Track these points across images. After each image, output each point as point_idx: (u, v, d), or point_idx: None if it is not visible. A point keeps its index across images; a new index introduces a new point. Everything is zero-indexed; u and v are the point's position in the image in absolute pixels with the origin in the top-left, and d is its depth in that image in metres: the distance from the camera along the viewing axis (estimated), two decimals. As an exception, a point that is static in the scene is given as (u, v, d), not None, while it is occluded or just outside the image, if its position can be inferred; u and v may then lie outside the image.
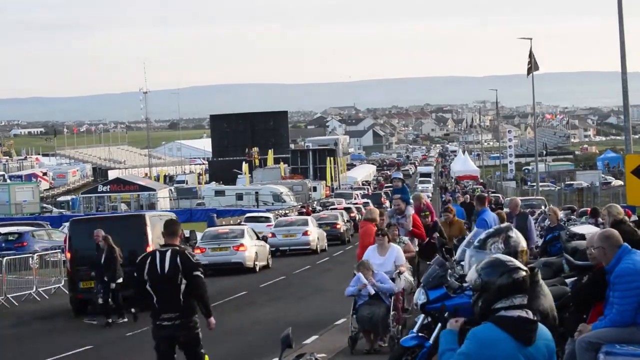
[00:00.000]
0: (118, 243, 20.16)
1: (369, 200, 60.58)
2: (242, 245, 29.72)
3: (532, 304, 5.62)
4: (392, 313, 13.09)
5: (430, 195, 79.17)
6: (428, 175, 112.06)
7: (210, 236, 31.42)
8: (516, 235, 5.86)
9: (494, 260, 5.23)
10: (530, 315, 5.10)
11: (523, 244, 5.81)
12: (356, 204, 58.12)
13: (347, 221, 44.86)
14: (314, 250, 36.29)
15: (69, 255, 22.02)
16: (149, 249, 20.28)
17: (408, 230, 16.35)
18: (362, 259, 13.59)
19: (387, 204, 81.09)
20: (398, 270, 13.62)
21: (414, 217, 16.88)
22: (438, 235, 17.42)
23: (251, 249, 30.00)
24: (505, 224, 6.83)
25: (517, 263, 5.23)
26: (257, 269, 29.63)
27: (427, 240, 16.78)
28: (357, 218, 46.02)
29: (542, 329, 5.16)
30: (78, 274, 21.34)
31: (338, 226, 41.92)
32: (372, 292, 13.06)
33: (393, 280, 13.44)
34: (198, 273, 9.82)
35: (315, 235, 36.98)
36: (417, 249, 16.45)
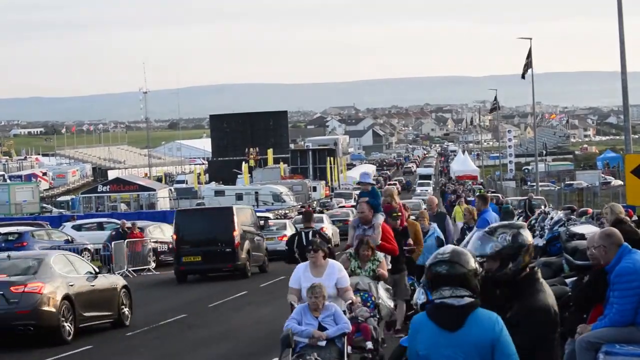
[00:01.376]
0: (212, 228, 27.89)
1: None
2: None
3: (530, 300, 5.67)
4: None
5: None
6: (428, 177, 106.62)
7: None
8: (527, 234, 5.89)
9: (434, 253, 5.33)
10: (462, 302, 5.09)
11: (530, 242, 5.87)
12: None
13: None
14: None
15: (175, 237, 28.19)
16: (235, 232, 27.46)
17: (376, 245, 13.09)
18: (314, 284, 10.32)
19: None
20: (350, 301, 10.83)
21: (384, 227, 13.71)
22: (411, 243, 14.99)
23: None
24: (520, 222, 6.87)
25: (449, 257, 5.19)
26: None
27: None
28: None
29: (483, 316, 5.13)
30: (182, 250, 27.41)
31: (349, 223, 43.27)
32: (324, 344, 10.02)
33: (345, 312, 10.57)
34: (331, 245, 13.68)
35: (330, 231, 38.54)
36: (389, 265, 13.43)
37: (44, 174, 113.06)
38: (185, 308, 21.21)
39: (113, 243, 30.72)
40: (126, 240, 31.18)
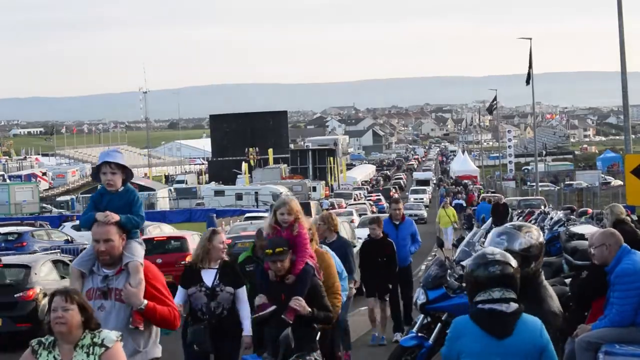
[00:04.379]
0: None
1: (381, 196, 63.87)
2: None
3: (542, 306, 5.62)
4: None
5: (425, 213, 56.08)
6: (426, 182, 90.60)
7: None
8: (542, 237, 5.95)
9: (480, 253, 5.28)
10: (510, 308, 5.05)
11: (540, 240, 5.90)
12: (370, 197, 62.82)
13: (372, 213, 49.50)
14: None
15: None
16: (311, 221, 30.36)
17: (139, 308, 6.14)
18: None
19: (396, 197, 79.82)
20: None
21: (149, 270, 6.36)
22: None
23: None
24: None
25: (500, 257, 5.20)
26: None
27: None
28: (374, 211, 51.65)
29: (530, 323, 5.10)
30: None
31: (371, 212, 47.01)
32: None
33: None
34: None
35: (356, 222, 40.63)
36: None
37: (44, 174, 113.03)
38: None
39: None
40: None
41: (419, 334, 9.64)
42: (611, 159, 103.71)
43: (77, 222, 45.48)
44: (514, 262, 5.20)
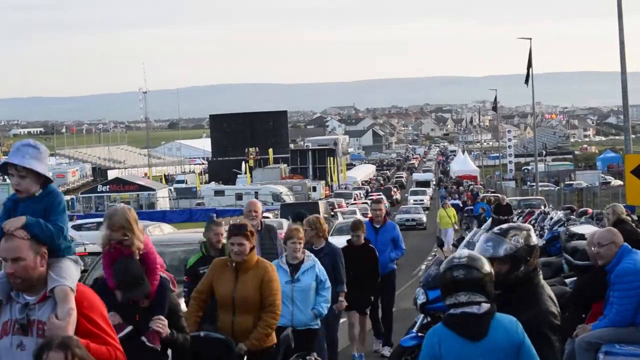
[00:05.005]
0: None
1: (382, 195, 64.07)
2: None
3: (539, 307, 5.59)
4: None
5: (425, 218, 51.54)
6: (426, 184, 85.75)
7: None
8: (535, 236, 5.90)
9: (449, 257, 5.26)
10: (482, 309, 5.01)
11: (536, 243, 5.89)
12: (371, 197, 63.72)
13: None
14: None
15: None
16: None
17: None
18: None
19: (398, 195, 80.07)
20: None
21: (84, 296, 4.82)
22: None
23: None
24: (527, 224, 6.88)
25: (467, 261, 5.13)
26: None
27: None
28: None
29: (505, 320, 5.07)
30: None
31: (369, 216, 45.97)
32: None
33: None
34: None
35: None
36: None
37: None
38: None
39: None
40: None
41: (419, 334, 9.64)
42: (611, 159, 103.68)
43: (77, 221, 45.50)
44: (485, 266, 5.13)
